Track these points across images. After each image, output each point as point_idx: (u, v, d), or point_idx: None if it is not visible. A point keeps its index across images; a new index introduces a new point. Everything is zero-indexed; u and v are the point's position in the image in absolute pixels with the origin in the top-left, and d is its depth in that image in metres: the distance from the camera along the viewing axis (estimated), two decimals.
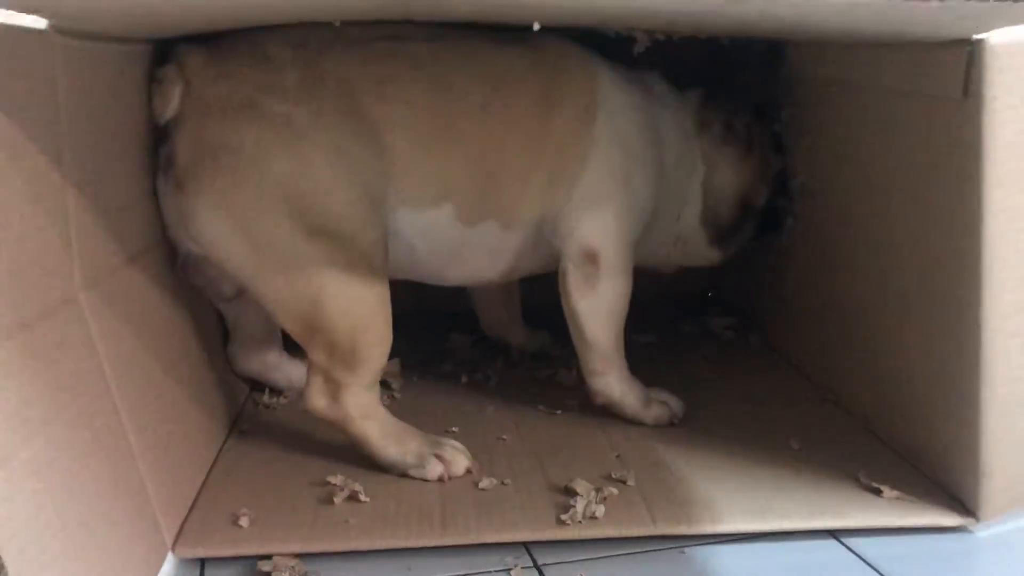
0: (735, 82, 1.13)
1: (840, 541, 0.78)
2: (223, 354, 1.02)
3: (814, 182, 1.06)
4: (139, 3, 0.65)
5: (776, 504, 0.80)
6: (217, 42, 0.84)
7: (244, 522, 0.78)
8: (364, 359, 0.84)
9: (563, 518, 0.78)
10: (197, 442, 0.88)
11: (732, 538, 0.78)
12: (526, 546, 0.77)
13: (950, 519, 0.78)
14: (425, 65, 0.87)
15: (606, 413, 0.98)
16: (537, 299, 1.07)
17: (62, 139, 0.67)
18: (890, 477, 0.83)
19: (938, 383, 0.81)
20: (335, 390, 0.85)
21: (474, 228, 0.91)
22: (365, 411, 0.86)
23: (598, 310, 0.95)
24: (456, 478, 0.85)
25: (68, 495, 0.61)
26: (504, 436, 0.95)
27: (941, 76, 0.74)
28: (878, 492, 0.81)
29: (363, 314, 0.84)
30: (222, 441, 0.93)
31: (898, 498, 0.80)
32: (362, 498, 0.81)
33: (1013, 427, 0.76)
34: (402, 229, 0.88)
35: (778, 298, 1.20)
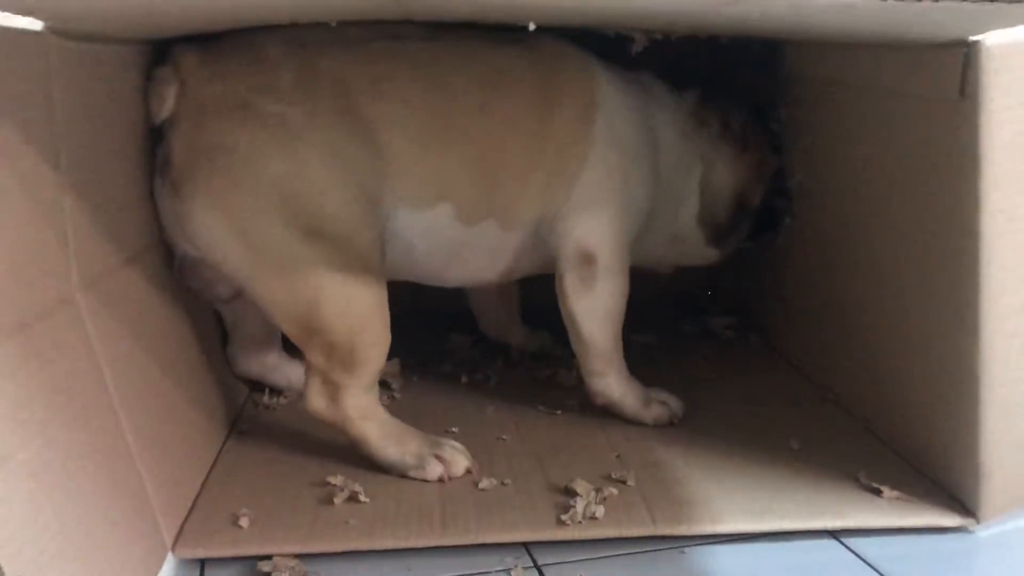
0: (734, 82, 1.13)
1: (840, 541, 0.77)
2: (222, 355, 1.02)
3: (812, 182, 1.06)
4: (138, 3, 0.65)
5: (776, 504, 0.80)
6: (213, 42, 0.83)
7: (244, 522, 0.78)
8: (362, 360, 0.84)
9: (563, 518, 0.78)
10: (196, 442, 0.88)
11: (732, 538, 0.78)
12: (526, 546, 0.77)
13: (950, 519, 0.78)
14: (422, 64, 0.87)
15: (606, 413, 0.98)
16: (537, 299, 1.07)
17: (59, 140, 0.67)
18: (890, 477, 0.83)
19: (938, 384, 0.81)
20: (334, 392, 0.85)
21: (473, 228, 0.91)
22: (364, 412, 0.86)
23: (595, 311, 0.95)
24: (456, 478, 0.85)
25: (66, 496, 0.61)
26: (504, 436, 0.95)
27: (938, 77, 0.74)
28: (878, 492, 0.81)
29: (360, 315, 0.84)
30: (222, 441, 0.93)
31: (898, 498, 0.80)
32: (362, 498, 0.81)
33: (1012, 428, 0.76)
34: (401, 229, 0.88)
35: (778, 298, 1.20)
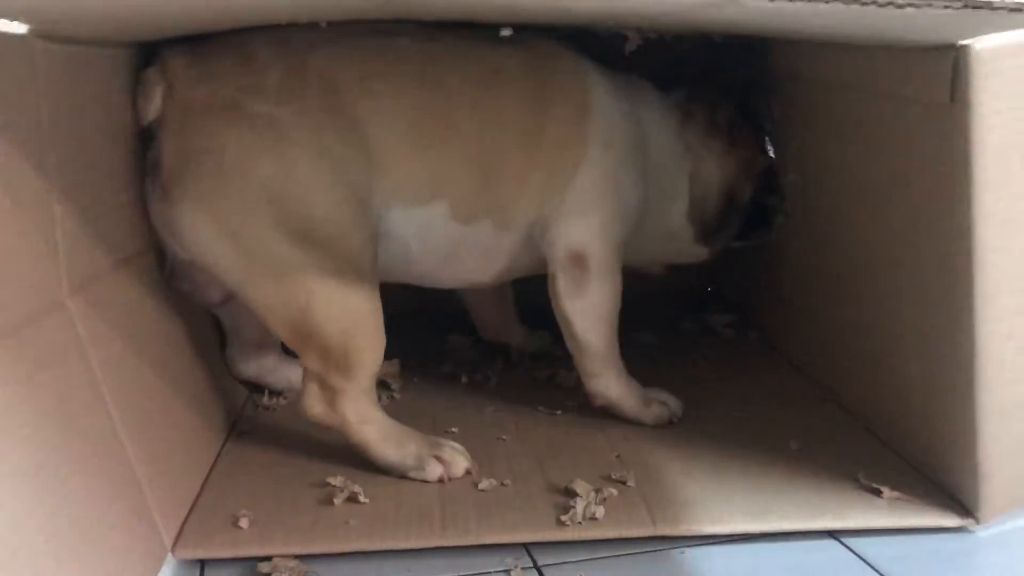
0: (728, 81, 1.12)
1: (840, 541, 0.77)
2: (220, 357, 1.02)
3: (806, 181, 1.06)
4: (124, 4, 0.64)
5: (776, 505, 0.80)
6: (201, 44, 0.83)
7: (244, 523, 0.78)
8: (358, 363, 0.84)
9: (563, 519, 0.77)
10: (194, 444, 0.87)
11: (732, 539, 0.77)
12: (526, 547, 0.77)
13: (950, 520, 0.78)
14: (412, 61, 0.87)
15: (606, 414, 0.98)
16: (536, 300, 1.06)
17: (46, 144, 0.66)
18: (890, 477, 0.83)
19: (936, 385, 0.81)
20: (331, 396, 0.85)
21: (469, 227, 0.91)
22: (362, 415, 0.86)
23: (588, 312, 0.94)
24: (456, 479, 0.85)
25: (60, 499, 0.60)
26: (504, 437, 0.95)
27: (928, 81, 0.74)
28: (878, 492, 0.81)
29: (354, 318, 0.83)
30: (221, 443, 0.93)
31: (898, 498, 0.80)
32: (362, 499, 0.81)
33: (1011, 429, 0.76)
34: (396, 228, 0.88)
35: (777, 298, 1.20)
